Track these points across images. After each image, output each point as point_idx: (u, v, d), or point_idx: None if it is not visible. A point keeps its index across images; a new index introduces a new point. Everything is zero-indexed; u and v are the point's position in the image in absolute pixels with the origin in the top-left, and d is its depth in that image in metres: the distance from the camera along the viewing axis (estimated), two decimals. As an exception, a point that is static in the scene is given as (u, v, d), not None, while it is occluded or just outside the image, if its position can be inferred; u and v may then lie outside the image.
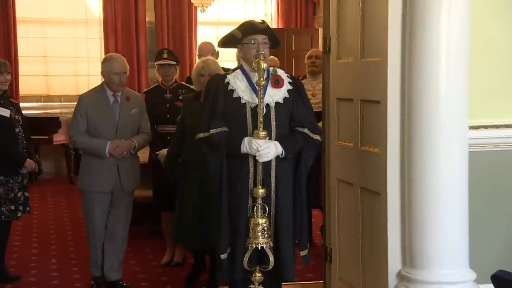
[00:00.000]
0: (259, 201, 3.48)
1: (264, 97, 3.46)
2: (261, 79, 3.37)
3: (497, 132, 3.80)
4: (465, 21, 3.36)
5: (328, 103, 4.18)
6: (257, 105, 3.43)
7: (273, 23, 11.00)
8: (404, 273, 3.47)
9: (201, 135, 3.53)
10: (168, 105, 5.33)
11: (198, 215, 4.47)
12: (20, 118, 5.00)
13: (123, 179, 4.68)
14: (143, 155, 5.49)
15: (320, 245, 5.45)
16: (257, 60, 3.40)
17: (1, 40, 9.73)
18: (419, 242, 3.39)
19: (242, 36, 3.59)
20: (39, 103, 10.21)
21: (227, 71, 5.62)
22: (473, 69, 3.50)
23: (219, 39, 3.80)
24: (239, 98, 3.55)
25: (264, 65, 3.39)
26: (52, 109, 9.80)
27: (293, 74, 9.58)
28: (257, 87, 3.45)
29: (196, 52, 9.76)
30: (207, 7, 9.98)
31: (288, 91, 3.62)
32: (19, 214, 4.98)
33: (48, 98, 10.26)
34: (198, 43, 10.18)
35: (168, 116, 5.27)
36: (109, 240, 4.72)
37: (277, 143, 3.48)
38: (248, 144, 3.44)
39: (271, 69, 3.62)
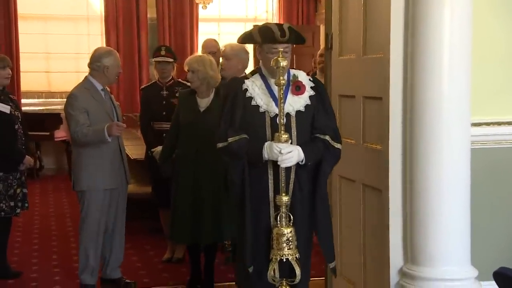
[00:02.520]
0: (283, 209, 3.21)
1: (284, 104, 3.21)
2: (281, 78, 3.11)
3: (499, 129, 3.79)
4: (467, 18, 3.35)
5: (330, 100, 4.17)
6: (277, 114, 3.20)
7: (274, 20, 10.99)
8: (405, 270, 3.47)
9: (220, 145, 3.26)
10: (164, 102, 5.31)
11: (191, 211, 4.46)
12: (19, 115, 5.00)
13: (128, 173, 4.69)
14: (141, 152, 5.50)
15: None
16: (276, 58, 3.14)
17: (3, 36, 9.74)
18: (421, 239, 3.39)
19: (262, 41, 3.30)
20: (41, 99, 10.22)
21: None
22: (475, 66, 3.49)
23: (238, 36, 3.55)
24: (257, 106, 3.28)
25: (283, 63, 3.12)
26: (54, 106, 9.80)
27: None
28: (275, 87, 3.22)
29: (197, 48, 9.77)
30: (208, 3, 9.99)
31: (310, 97, 3.33)
32: (18, 210, 4.99)
33: (49, 94, 10.26)
34: (200, 39, 10.21)
35: (164, 113, 5.25)
36: (111, 238, 4.67)
37: (299, 148, 3.22)
38: (269, 148, 3.17)
39: (291, 73, 3.32)
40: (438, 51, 3.28)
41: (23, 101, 9.72)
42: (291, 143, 3.22)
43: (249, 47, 4.99)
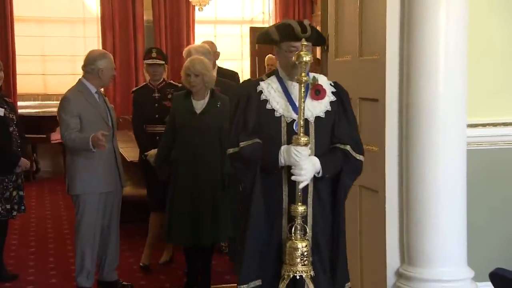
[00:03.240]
0: (299, 220, 2.92)
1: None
2: (303, 74, 2.84)
3: (494, 130, 3.80)
4: (463, 20, 3.36)
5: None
6: (294, 119, 2.95)
7: (270, 21, 11.00)
8: (402, 271, 3.48)
9: (231, 150, 2.99)
10: (156, 104, 5.24)
11: (189, 212, 4.45)
12: (14, 117, 4.97)
13: (122, 176, 4.67)
14: (138, 154, 5.47)
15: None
16: (298, 52, 2.86)
17: (-1, 38, 9.72)
18: (417, 240, 3.40)
19: (280, 40, 2.99)
20: (37, 102, 10.20)
21: (224, 71, 5.63)
22: (472, 67, 3.51)
23: (256, 35, 3.22)
24: (273, 110, 2.99)
25: (306, 58, 2.83)
26: (50, 108, 9.75)
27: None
28: (293, 90, 2.97)
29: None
30: (205, 5, 9.98)
31: (331, 103, 3.04)
32: (14, 213, 4.97)
33: (46, 96, 10.24)
34: (196, 41, 10.20)
35: (156, 115, 5.18)
36: (106, 240, 4.64)
37: (315, 159, 2.92)
38: (287, 153, 2.87)
39: (310, 76, 3.00)
40: (434, 53, 3.29)
41: (20, 103, 9.70)
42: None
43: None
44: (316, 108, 3.01)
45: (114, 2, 10.08)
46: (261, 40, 3.19)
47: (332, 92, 3.07)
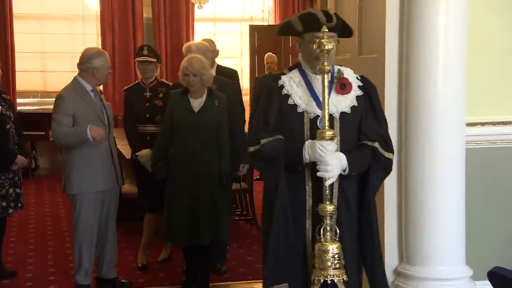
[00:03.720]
0: (328, 221, 2.72)
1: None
2: (325, 63, 2.64)
3: (493, 129, 3.81)
4: (462, 19, 3.36)
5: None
6: (318, 115, 2.78)
7: (270, 19, 11.00)
8: (400, 270, 3.48)
9: (252, 148, 2.83)
10: (147, 103, 5.12)
11: (189, 211, 4.43)
12: (11, 114, 4.95)
13: (119, 175, 4.64)
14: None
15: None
16: (320, 40, 2.66)
17: (-2, 35, 9.71)
18: (416, 239, 3.40)
19: (303, 30, 2.82)
20: (36, 99, 10.21)
21: (224, 69, 5.61)
22: (471, 66, 3.51)
23: (276, 27, 3.02)
24: (295, 105, 2.83)
25: (329, 46, 2.64)
26: (49, 105, 9.66)
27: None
28: (316, 83, 2.82)
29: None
30: (204, 3, 9.99)
31: (357, 97, 2.87)
32: (10, 210, 4.96)
33: (45, 94, 10.25)
34: (196, 39, 10.19)
35: (147, 115, 5.07)
36: (104, 238, 4.62)
37: (341, 155, 2.74)
38: (311, 148, 2.70)
39: (335, 69, 2.87)
40: (433, 52, 3.30)
41: (19, 100, 9.70)
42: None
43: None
44: (341, 103, 2.83)
45: (113, 0, 10.08)
46: (283, 31, 3.02)
47: (359, 86, 2.89)
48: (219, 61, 5.66)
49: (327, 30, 2.68)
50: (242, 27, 11.21)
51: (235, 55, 11.11)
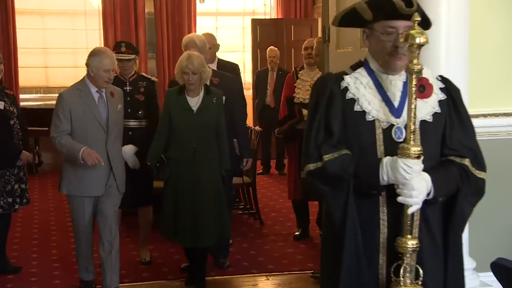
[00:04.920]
0: (408, 259, 2.22)
1: (404, 111, 2.27)
2: (414, 61, 2.15)
3: (496, 120, 3.80)
4: (464, 10, 3.36)
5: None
6: (392, 124, 2.29)
7: (272, 13, 10.98)
8: (403, 262, 3.47)
9: (311, 166, 2.30)
10: (128, 98, 4.91)
11: (193, 214, 4.36)
12: (15, 110, 4.94)
13: (119, 182, 4.40)
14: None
15: (319, 235, 5.46)
16: (408, 31, 2.16)
17: (1, 31, 9.71)
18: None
19: (373, 18, 2.32)
20: (39, 95, 10.22)
21: (225, 64, 5.59)
22: (473, 58, 3.50)
23: (335, 16, 2.51)
24: (363, 112, 2.31)
25: (421, 39, 2.14)
26: (52, 101, 9.66)
27: (292, 65, 9.47)
28: (389, 85, 2.33)
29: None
30: (206, -3, 9.98)
31: (440, 102, 2.37)
32: (17, 206, 4.97)
33: (47, 89, 10.26)
34: (197, 33, 10.18)
35: (129, 110, 4.88)
36: (105, 252, 4.36)
37: (427, 176, 2.22)
38: (392, 167, 2.17)
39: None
40: (435, 44, 3.29)
41: (21, 96, 9.71)
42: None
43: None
44: (421, 110, 2.30)
45: (115, -5, 10.08)
46: (345, 21, 2.45)
47: (440, 89, 2.40)
48: (221, 55, 5.66)
49: (419, 19, 2.17)
50: (244, 21, 11.20)
51: (237, 49, 11.11)
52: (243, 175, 6.17)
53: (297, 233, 5.92)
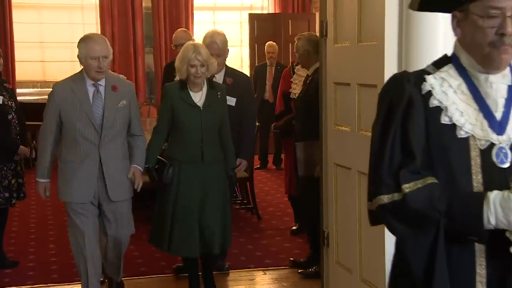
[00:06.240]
0: None
1: (510, 126, 1.77)
2: None
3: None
4: None
5: (325, 88, 4.17)
6: (493, 143, 1.74)
7: (269, 8, 10.97)
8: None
9: (385, 198, 1.74)
10: None
11: (198, 220, 4.03)
12: (13, 104, 4.93)
13: (110, 187, 3.88)
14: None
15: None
16: None
17: (-3, 25, 9.70)
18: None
19: None
20: (36, 89, 10.21)
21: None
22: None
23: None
24: (453, 126, 1.75)
25: None
26: (49, 95, 9.78)
27: (290, 60, 9.47)
28: (491, 89, 1.77)
29: (192, 36, 9.78)
30: (203, -9, 9.95)
31: None
32: (14, 201, 4.97)
33: (44, 83, 10.25)
34: (195, 28, 10.17)
35: None
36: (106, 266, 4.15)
37: None
38: (503, 207, 1.63)
39: None
40: (433, 38, 3.28)
41: (18, 90, 9.70)
42: None
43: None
44: None
45: (112, -11, 10.06)
46: (427, 3, 1.88)
47: None
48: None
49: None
50: (242, 15, 11.18)
51: (235, 44, 11.09)
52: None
53: (294, 227, 5.93)
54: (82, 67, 3.83)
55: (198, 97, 4.06)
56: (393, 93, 1.83)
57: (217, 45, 4.58)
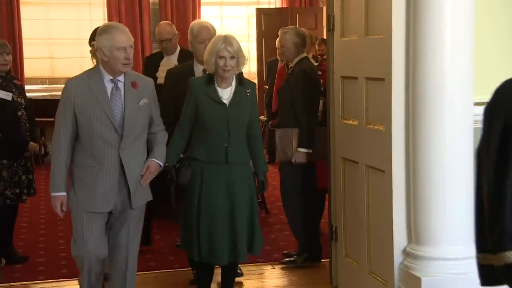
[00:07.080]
0: None
1: None
2: None
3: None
4: (470, -2, 3.33)
5: (333, 82, 4.17)
6: None
7: (277, 3, 10.95)
8: (409, 250, 3.49)
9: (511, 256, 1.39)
10: None
11: (225, 226, 3.75)
12: (23, 101, 4.96)
13: (134, 197, 3.50)
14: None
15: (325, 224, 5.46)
16: None
17: (5, 22, 9.73)
18: (424, 219, 3.40)
19: None
20: (44, 86, 10.25)
21: (188, 53, 5.16)
22: (478, 45, 3.49)
23: None
24: None
25: None
26: (57, 91, 9.75)
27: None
28: None
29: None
30: (210, -13, 9.94)
31: None
32: (24, 197, 5.00)
33: (53, 80, 10.30)
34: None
35: None
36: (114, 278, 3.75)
37: None
38: None
39: None
40: (440, 31, 3.28)
41: (27, 87, 9.69)
42: None
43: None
44: None
45: (119, -15, 10.07)
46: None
47: None
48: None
49: None
50: (249, 10, 11.16)
51: (242, 39, 11.07)
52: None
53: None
54: (102, 61, 3.41)
55: (227, 93, 3.75)
56: (509, 108, 1.41)
57: (208, 30, 4.21)
